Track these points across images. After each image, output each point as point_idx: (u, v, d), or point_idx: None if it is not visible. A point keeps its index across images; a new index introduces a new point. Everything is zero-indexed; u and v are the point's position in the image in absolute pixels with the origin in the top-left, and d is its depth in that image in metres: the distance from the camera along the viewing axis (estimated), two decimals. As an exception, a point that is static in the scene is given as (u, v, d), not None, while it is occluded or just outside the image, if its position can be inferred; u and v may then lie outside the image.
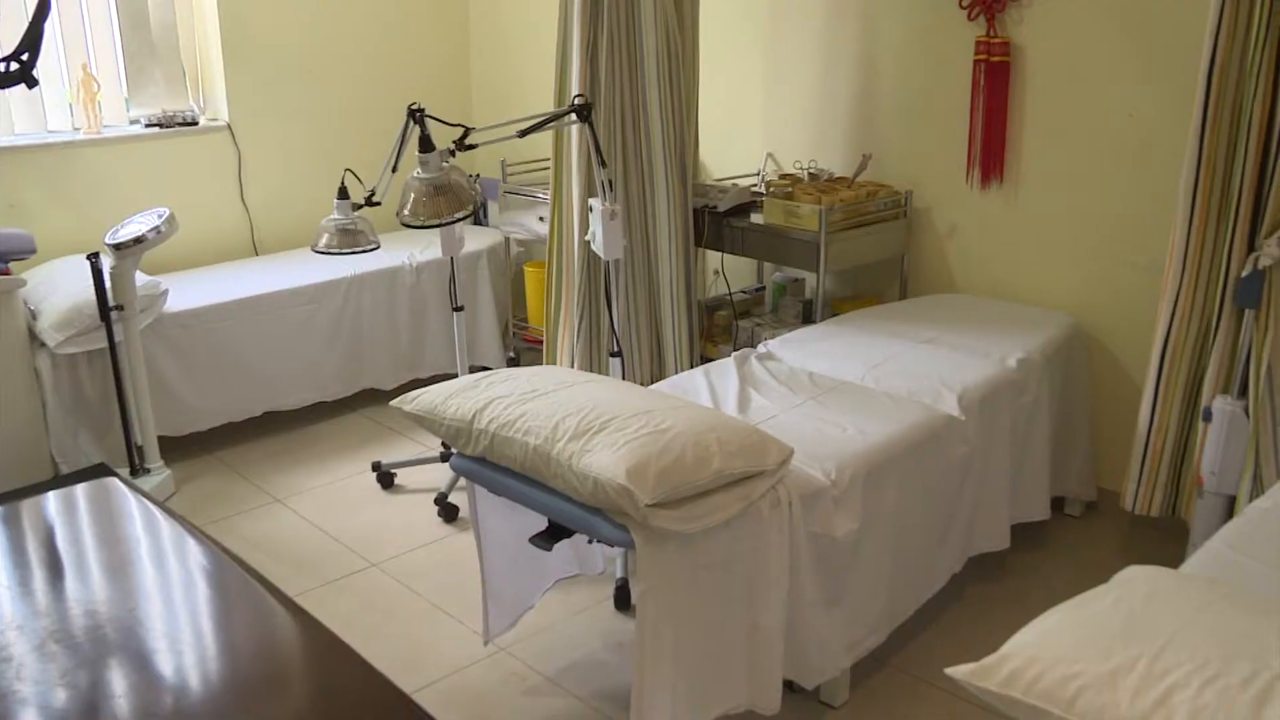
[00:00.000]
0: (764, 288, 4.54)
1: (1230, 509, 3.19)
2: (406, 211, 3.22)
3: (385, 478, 4.09)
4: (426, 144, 3.19)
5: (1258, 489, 3.14)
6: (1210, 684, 1.51)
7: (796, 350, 3.36)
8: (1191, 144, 3.13)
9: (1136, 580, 1.82)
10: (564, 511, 2.38)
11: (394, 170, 3.39)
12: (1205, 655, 1.56)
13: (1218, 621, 1.65)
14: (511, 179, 5.06)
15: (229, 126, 4.96)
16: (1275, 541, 2.20)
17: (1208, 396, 3.24)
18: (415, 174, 3.22)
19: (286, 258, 4.91)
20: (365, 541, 3.65)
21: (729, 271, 4.62)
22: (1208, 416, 3.21)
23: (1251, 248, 3.12)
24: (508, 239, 5.17)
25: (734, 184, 4.23)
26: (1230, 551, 2.17)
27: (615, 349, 3.46)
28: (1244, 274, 3.08)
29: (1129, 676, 1.54)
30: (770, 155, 4.53)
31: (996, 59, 3.78)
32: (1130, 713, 1.50)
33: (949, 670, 1.66)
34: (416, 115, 3.25)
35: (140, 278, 3.92)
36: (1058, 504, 3.80)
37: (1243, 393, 3.17)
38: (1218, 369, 3.22)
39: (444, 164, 3.20)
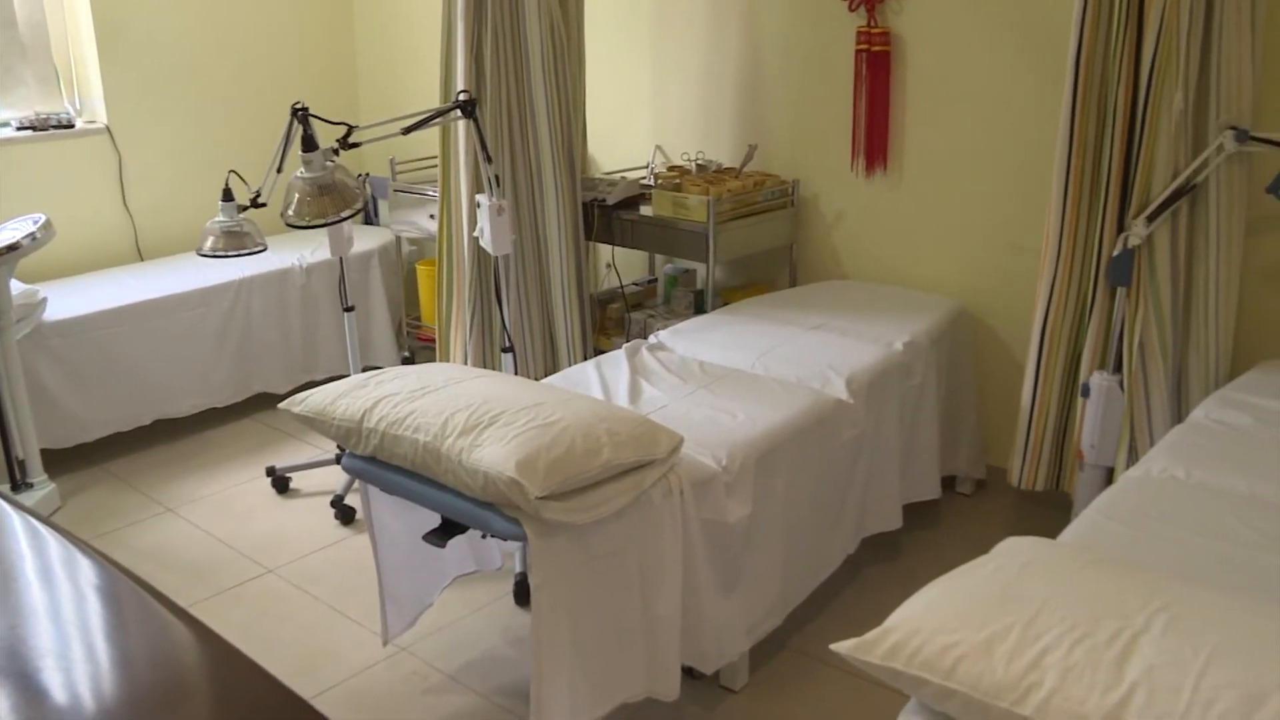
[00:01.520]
0: (656, 279, 4.57)
1: (1109, 480, 3.31)
2: (291, 212, 3.18)
3: (280, 482, 4.03)
4: (310, 143, 3.16)
5: (1133, 459, 3.25)
6: (1079, 644, 1.57)
7: (687, 340, 3.40)
8: (1063, 130, 3.22)
9: (1012, 551, 1.88)
10: (456, 508, 2.37)
11: (279, 171, 3.34)
12: (1075, 618, 1.62)
13: (1086, 585, 1.72)
14: (401, 177, 5.02)
15: (108, 129, 4.83)
16: (1143, 507, 2.28)
17: (1085, 373, 3.34)
18: (299, 174, 3.18)
19: (172, 262, 4.80)
20: (261, 547, 3.60)
21: (621, 264, 4.64)
22: (1086, 392, 3.31)
23: (1121, 228, 3.23)
24: (399, 238, 5.12)
25: (623, 177, 4.25)
26: (1103, 519, 2.25)
27: (507, 344, 3.45)
28: (1115, 254, 3.19)
29: (1004, 643, 1.60)
30: (659, 148, 4.56)
31: (877, 49, 3.85)
32: (1006, 677, 1.55)
33: (834, 646, 1.70)
34: (300, 114, 3.21)
35: (16, 286, 3.81)
36: (949, 483, 3.89)
37: (1118, 368, 3.28)
38: (1094, 346, 3.33)
39: (328, 163, 3.17)
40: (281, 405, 2.69)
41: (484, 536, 2.97)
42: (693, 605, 2.57)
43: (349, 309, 3.93)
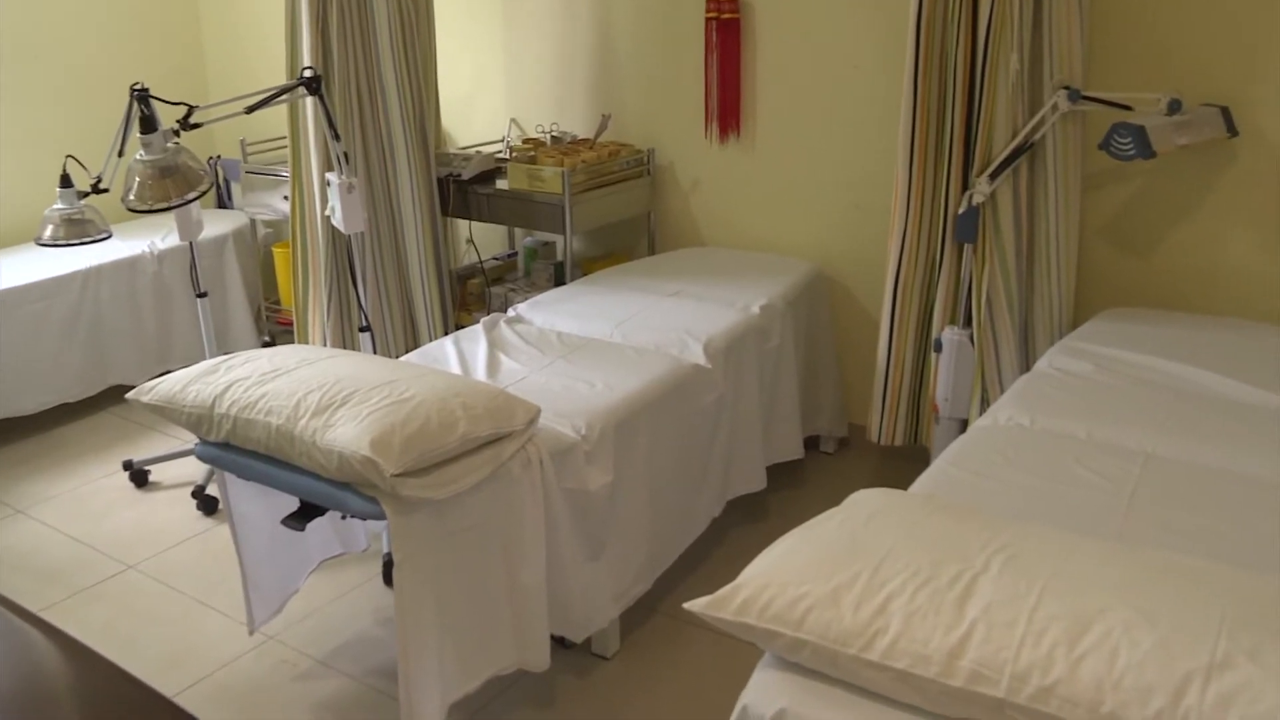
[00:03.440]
0: (516, 253, 4.56)
1: (963, 431, 3.40)
2: (132, 196, 3.08)
3: (138, 476, 3.92)
4: (149, 124, 3.06)
5: (986, 410, 3.35)
6: (922, 588, 1.62)
7: (545, 312, 3.39)
8: (906, 92, 3.30)
9: (860, 503, 1.93)
10: (313, 490, 2.34)
11: (120, 155, 3.24)
12: (918, 563, 1.68)
13: (930, 532, 1.77)
14: (253, 158, 4.90)
15: (-65, 117, 4.62)
16: (989, 455, 2.36)
17: (937, 328, 3.44)
18: (139, 156, 3.09)
19: (11, 253, 4.61)
20: (119, 544, 3.50)
21: (481, 239, 4.61)
22: (938, 347, 3.40)
23: (965, 187, 3.32)
24: (253, 220, 5.01)
25: (478, 151, 4.22)
26: (952, 468, 2.32)
27: (364, 324, 3.41)
28: (960, 211, 3.27)
29: (851, 591, 1.64)
30: (514, 121, 4.54)
31: (727, 16, 3.88)
32: (853, 624, 1.59)
33: (687, 605, 1.73)
34: (138, 95, 3.11)
35: None
36: (812, 442, 3.97)
37: (968, 322, 3.38)
38: (944, 302, 3.42)
39: (169, 145, 3.08)
40: (129, 395, 2.61)
41: (344, 517, 2.94)
42: (559, 575, 2.58)
43: (202, 295, 3.83)
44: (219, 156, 5.37)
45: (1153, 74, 3.22)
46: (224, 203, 5.40)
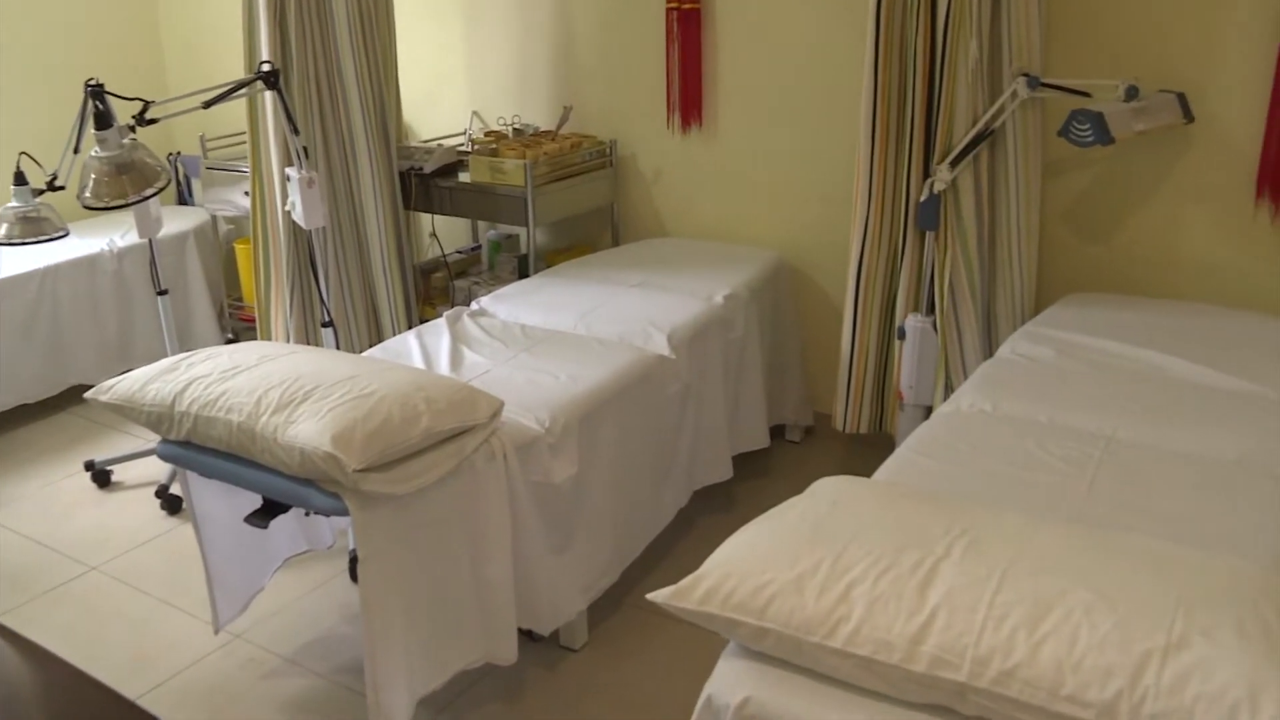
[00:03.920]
0: (480, 246, 4.54)
1: (928, 419, 3.42)
2: (88, 193, 3.05)
3: (101, 476, 3.88)
4: (104, 120, 3.03)
5: (949, 397, 3.37)
6: (885, 575, 1.63)
7: (509, 305, 3.38)
8: (867, 81, 3.31)
9: (823, 490, 1.93)
10: (275, 487, 2.32)
11: (76, 151, 3.20)
12: (880, 550, 1.68)
13: (892, 518, 1.78)
14: (213, 154, 4.86)
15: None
16: (952, 441, 2.38)
17: (901, 316, 3.45)
18: (95, 152, 3.06)
19: (-34, 254, 4.56)
20: (82, 545, 3.47)
21: (445, 233, 4.60)
22: (902, 335, 3.42)
23: (927, 174, 3.34)
24: (215, 217, 4.96)
25: (440, 144, 4.20)
26: (914, 455, 2.33)
27: (326, 319, 3.39)
28: (922, 199, 3.29)
29: (814, 578, 1.64)
30: (476, 113, 4.52)
31: (688, 6, 3.88)
32: (816, 612, 1.60)
33: (650, 595, 1.73)
34: (93, 90, 3.08)
35: None
36: (778, 431, 3.98)
37: (931, 310, 3.40)
38: (907, 290, 3.44)
39: (124, 141, 3.05)
40: (88, 395, 2.58)
41: (307, 514, 2.92)
42: (525, 568, 2.58)
43: (163, 293, 3.79)
44: (179, 153, 5.32)
45: (1110, 61, 3.24)
46: (185, 199, 5.35)
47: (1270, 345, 2.84)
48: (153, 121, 3.03)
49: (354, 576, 3.18)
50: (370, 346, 4.02)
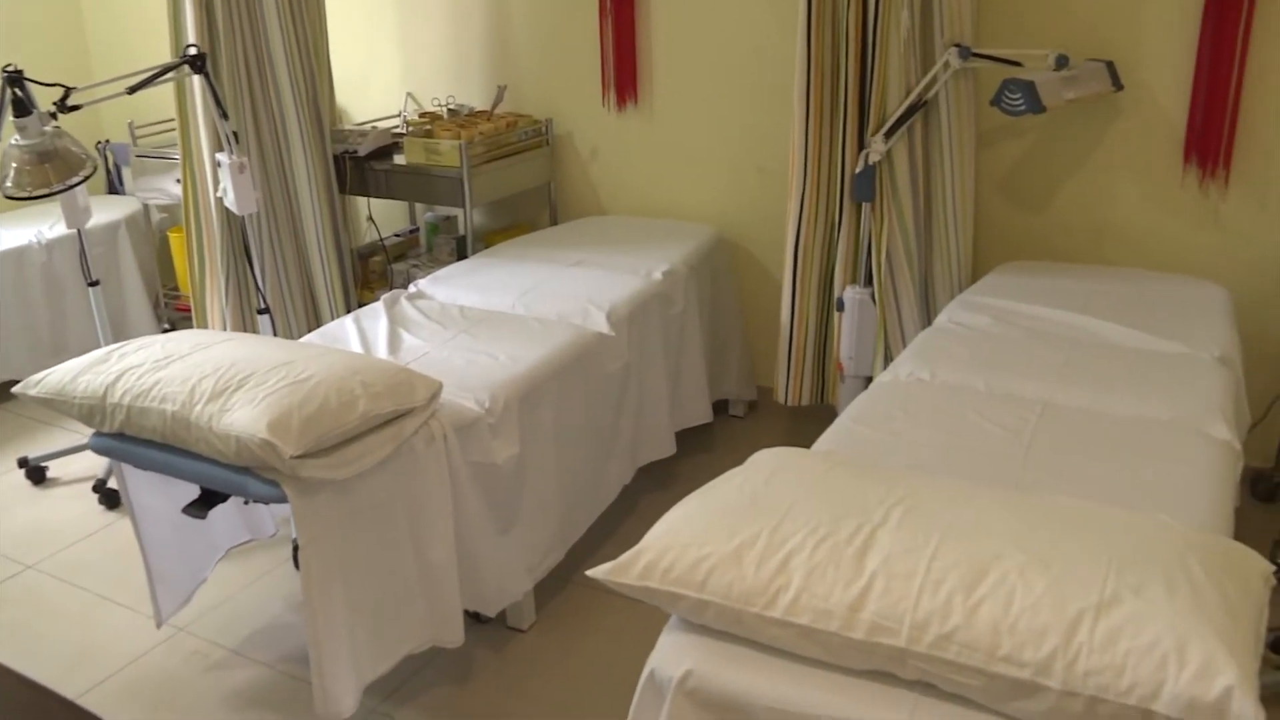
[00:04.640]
0: (418, 229, 4.50)
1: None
2: (9, 183, 2.99)
3: (35, 473, 3.81)
4: (22, 108, 2.96)
5: (888, 366, 3.40)
6: (822, 543, 1.63)
7: (447, 286, 3.36)
8: (800, 53, 3.31)
9: (761, 462, 1.94)
10: (212, 476, 2.29)
11: (-4, 141, 3.14)
12: (818, 519, 1.69)
13: (830, 488, 1.79)
14: (143, 141, 4.77)
15: None
16: (890, 410, 2.39)
17: (839, 288, 3.47)
18: (14, 141, 2.99)
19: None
20: (17, 544, 3.41)
21: (381, 216, 4.55)
22: (840, 306, 3.44)
23: (862, 146, 3.35)
24: (147, 205, 4.88)
25: (374, 126, 4.15)
26: (853, 424, 2.34)
27: (262, 306, 3.35)
28: (857, 171, 3.30)
29: (752, 549, 1.65)
30: (410, 95, 4.47)
31: (620, -19, 3.86)
32: (755, 583, 1.60)
33: (589, 572, 1.73)
34: (10, 76, 3.01)
35: None
36: (721, 406, 3.99)
37: (869, 281, 3.41)
38: (845, 261, 3.45)
39: (46, 128, 2.99)
40: (16, 389, 2.53)
41: (246, 503, 2.89)
42: (469, 549, 2.57)
43: (94, 284, 3.72)
44: (108, 141, 5.22)
45: (1040, 31, 3.27)
46: (115, 188, 5.26)
47: (1200, 307, 2.89)
48: (75, 108, 2.97)
49: (298, 564, 3.15)
50: (309, 332, 3.98)
